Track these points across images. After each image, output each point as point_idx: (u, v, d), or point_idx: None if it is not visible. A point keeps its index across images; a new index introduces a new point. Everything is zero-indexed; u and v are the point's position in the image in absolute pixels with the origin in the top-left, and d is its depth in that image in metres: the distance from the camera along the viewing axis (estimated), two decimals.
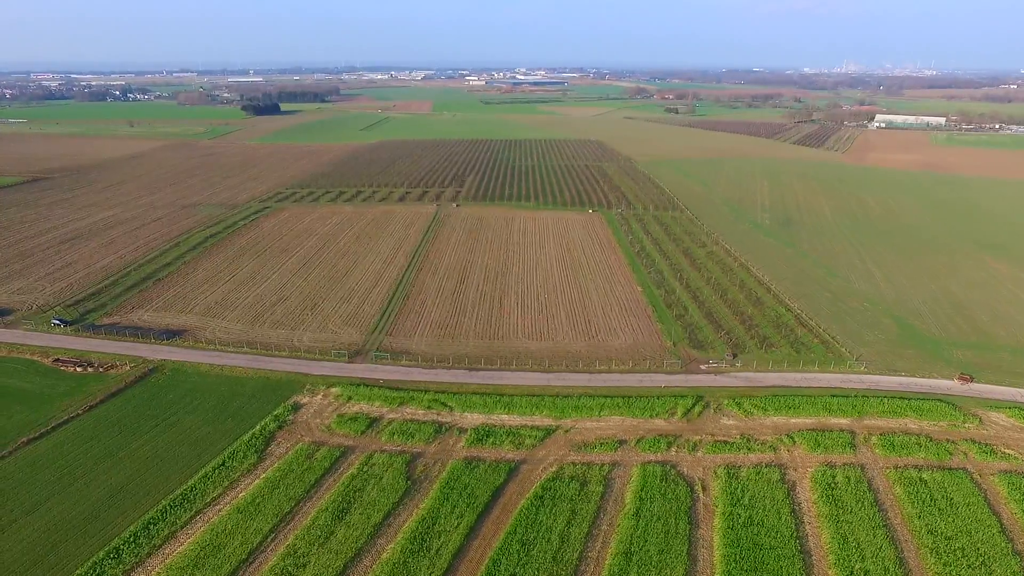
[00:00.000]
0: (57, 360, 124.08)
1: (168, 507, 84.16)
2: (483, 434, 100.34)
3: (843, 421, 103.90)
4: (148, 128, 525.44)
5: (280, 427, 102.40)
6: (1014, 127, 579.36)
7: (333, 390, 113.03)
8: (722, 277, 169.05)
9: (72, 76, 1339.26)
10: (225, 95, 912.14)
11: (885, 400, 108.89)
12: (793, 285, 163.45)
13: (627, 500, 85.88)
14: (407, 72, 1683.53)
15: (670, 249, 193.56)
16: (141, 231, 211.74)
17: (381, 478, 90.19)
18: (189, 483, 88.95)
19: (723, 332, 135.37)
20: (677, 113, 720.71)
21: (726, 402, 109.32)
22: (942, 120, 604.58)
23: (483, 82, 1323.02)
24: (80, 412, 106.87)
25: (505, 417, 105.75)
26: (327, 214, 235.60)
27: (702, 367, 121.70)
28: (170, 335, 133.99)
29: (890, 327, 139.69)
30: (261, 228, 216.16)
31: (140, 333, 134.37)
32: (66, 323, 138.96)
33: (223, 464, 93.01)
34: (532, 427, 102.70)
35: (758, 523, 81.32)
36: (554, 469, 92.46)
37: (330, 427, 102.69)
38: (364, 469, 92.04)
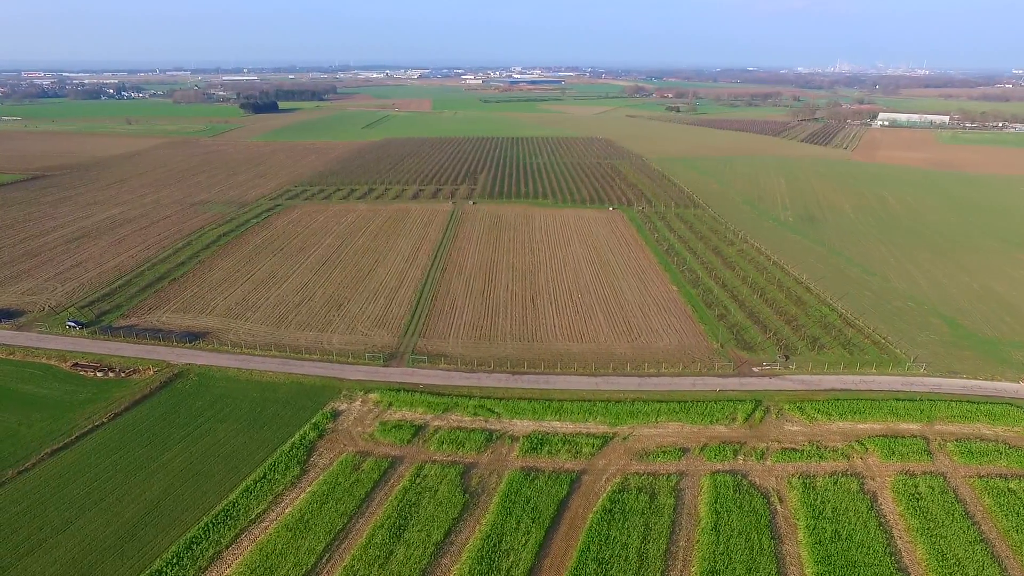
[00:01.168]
0: (76, 365, 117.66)
1: (210, 525, 78.15)
2: (537, 442, 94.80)
3: (913, 427, 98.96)
4: (146, 126, 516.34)
5: (320, 436, 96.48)
6: (1018, 125, 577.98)
7: (372, 396, 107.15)
8: (758, 276, 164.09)
9: (64, 74, 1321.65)
10: (220, 93, 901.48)
11: (953, 404, 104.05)
12: (832, 284, 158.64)
13: (702, 513, 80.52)
14: (402, 71, 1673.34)
15: (699, 247, 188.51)
16: (150, 229, 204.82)
17: (436, 491, 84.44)
18: (230, 498, 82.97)
19: (770, 333, 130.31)
20: (679, 112, 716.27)
21: (787, 407, 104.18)
22: (945, 119, 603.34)
23: (480, 81, 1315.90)
24: (105, 420, 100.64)
25: (557, 424, 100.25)
26: (341, 212, 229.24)
27: (754, 369, 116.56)
28: (193, 337, 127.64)
29: (940, 327, 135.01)
30: (275, 226, 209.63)
31: (161, 336, 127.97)
32: (81, 325, 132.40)
33: (264, 477, 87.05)
34: (587, 434, 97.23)
35: (846, 538, 76.13)
36: (618, 480, 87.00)
37: (373, 436, 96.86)
38: (416, 481, 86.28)
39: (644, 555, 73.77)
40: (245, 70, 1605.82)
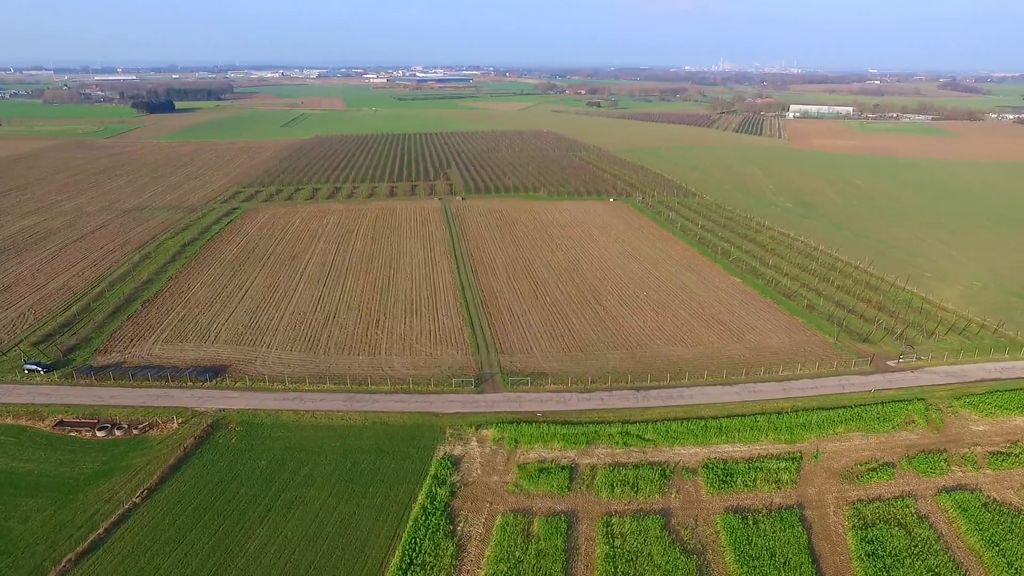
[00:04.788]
0: (61, 423, 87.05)
1: None
2: (721, 473, 77.29)
3: None
4: (23, 127, 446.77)
5: (453, 494, 73.87)
6: (910, 115, 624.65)
7: (487, 432, 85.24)
8: (811, 263, 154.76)
9: None
10: (99, 93, 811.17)
11: None
12: (888, 267, 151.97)
13: (974, 545, 66.33)
14: (298, 70, 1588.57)
15: (729, 236, 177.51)
16: (87, 242, 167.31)
17: (648, 554, 64.92)
18: None
19: (874, 323, 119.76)
20: (599, 107, 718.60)
21: (956, 403, 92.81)
22: (849, 109, 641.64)
23: (384, 80, 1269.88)
24: (137, 500, 72.58)
25: (727, 447, 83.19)
26: (316, 213, 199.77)
27: (890, 363, 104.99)
28: (211, 374, 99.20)
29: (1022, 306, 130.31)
30: (245, 232, 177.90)
31: (168, 375, 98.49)
32: (46, 368, 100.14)
33: (411, 562, 63.82)
34: (772, 457, 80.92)
35: None
36: (848, 511, 71.22)
37: (520, 486, 75.47)
38: (615, 543, 66.26)
39: None
40: (119, 70, 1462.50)
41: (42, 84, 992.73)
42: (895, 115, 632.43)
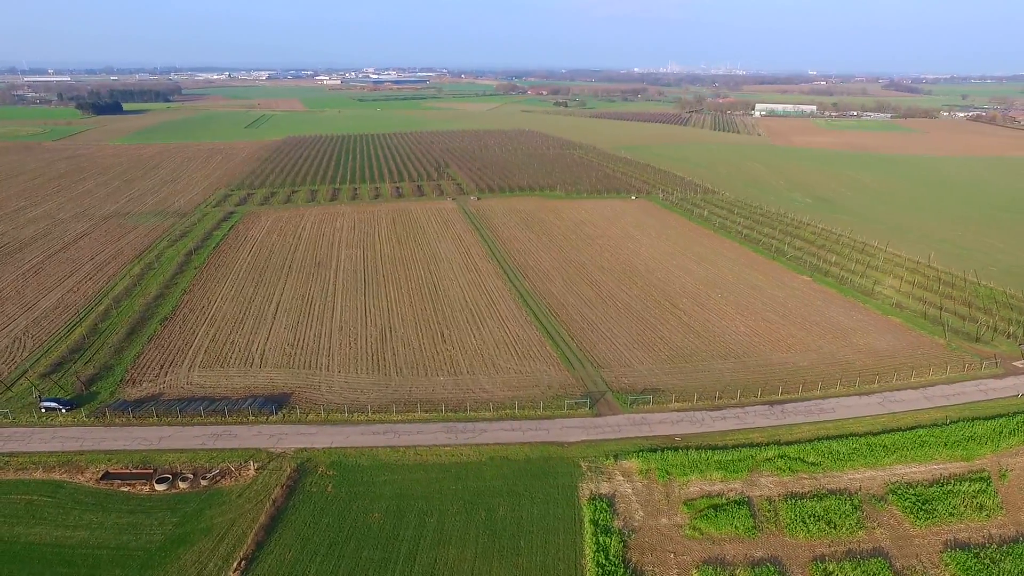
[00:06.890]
0: (107, 475, 70.44)
1: None
2: (916, 500, 67.31)
3: None
4: None
5: (624, 544, 61.44)
6: (870, 113, 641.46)
7: (629, 464, 72.97)
8: (873, 259, 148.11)
9: None
10: (31, 94, 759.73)
11: None
12: (951, 261, 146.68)
13: None
14: (246, 72, 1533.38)
15: (770, 232, 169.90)
16: (72, 252, 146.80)
17: None
18: None
19: (974, 321, 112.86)
20: (567, 107, 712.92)
21: None
22: (813, 108, 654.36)
23: (338, 81, 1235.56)
24: (233, 574, 57.43)
25: (901, 468, 73.31)
26: (324, 216, 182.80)
27: (1016, 364, 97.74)
28: (274, 405, 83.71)
29: None
30: (253, 238, 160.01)
31: (223, 408, 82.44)
32: (68, 405, 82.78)
33: None
34: (957, 478, 71.48)
35: None
36: None
37: (696, 528, 63.64)
38: None
39: None
40: (50, 71, 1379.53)
41: None
42: (856, 113, 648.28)
